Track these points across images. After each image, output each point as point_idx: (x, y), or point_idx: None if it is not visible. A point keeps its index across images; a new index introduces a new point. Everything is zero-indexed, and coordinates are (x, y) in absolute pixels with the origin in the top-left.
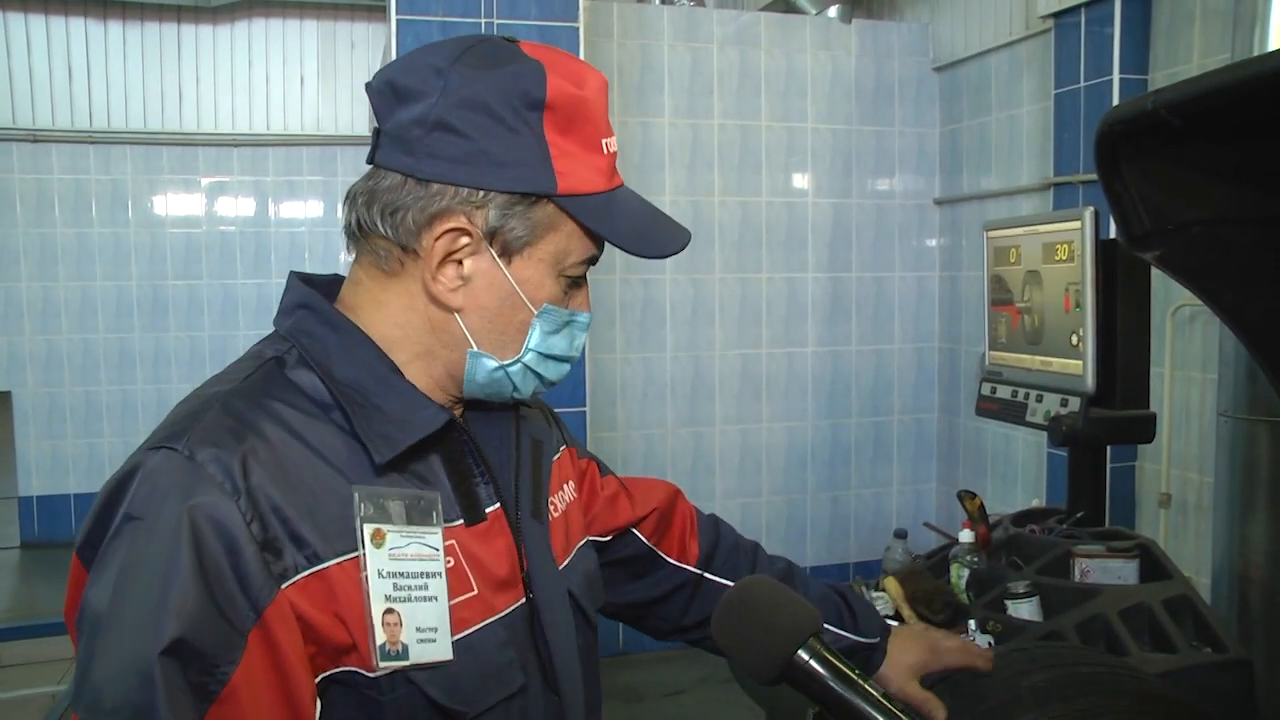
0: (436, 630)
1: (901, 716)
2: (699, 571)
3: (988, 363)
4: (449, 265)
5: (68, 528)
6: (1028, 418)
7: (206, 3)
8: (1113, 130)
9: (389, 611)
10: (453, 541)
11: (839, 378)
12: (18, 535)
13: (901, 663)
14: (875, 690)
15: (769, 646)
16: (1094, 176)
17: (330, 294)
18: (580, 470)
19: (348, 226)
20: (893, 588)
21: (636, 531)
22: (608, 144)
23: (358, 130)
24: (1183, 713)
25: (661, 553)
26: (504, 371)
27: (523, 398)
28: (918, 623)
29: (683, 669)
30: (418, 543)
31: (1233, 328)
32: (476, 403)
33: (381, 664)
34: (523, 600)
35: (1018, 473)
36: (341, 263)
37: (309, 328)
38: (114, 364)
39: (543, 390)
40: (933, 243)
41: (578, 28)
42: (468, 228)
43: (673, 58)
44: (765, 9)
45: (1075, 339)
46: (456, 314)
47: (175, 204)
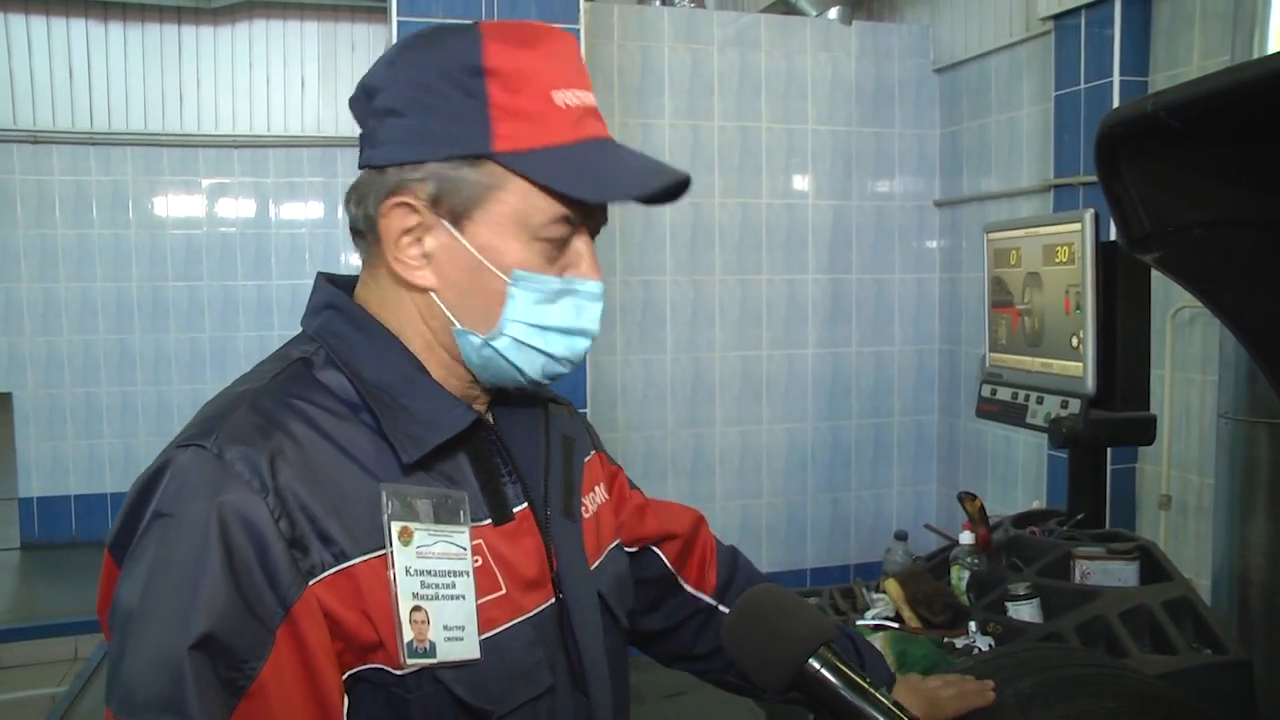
0: (464, 629)
1: None
2: (713, 602)
3: (988, 364)
4: (412, 245)
5: (68, 529)
6: (1028, 419)
7: (207, 4)
8: (1113, 132)
9: (416, 609)
10: (480, 541)
11: (839, 379)
12: (18, 536)
13: None
14: (887, 699)
15: (780, 654)
16: (1094, 178)
17: (353, 293)
18: (610, 474)
19: (350, 229)
20: (893, 589)
21: (659, 552)
22: (563, 97)
23: (358, 132)
24: (1176, 712)
25: (681, 579)
26: (491, 348)
27: (535, 378)
28: (915, 677)
29: (682, 673)
30: (445, 541)
31: (1233, 330)
32: (505, 400)
33: (409, 661)
34: (552, 600)
35: (1018, 474)
36: (342, 264)
37: (336, 328)
38: (114, 365)
39: (559, 370)
40: (933, 244)
41: (578, 29)
42: (411, 201)
43: (673, 59)
44: (765, 10)
45: (1075, 341)
46: (433, 294)
47: (176, 205)
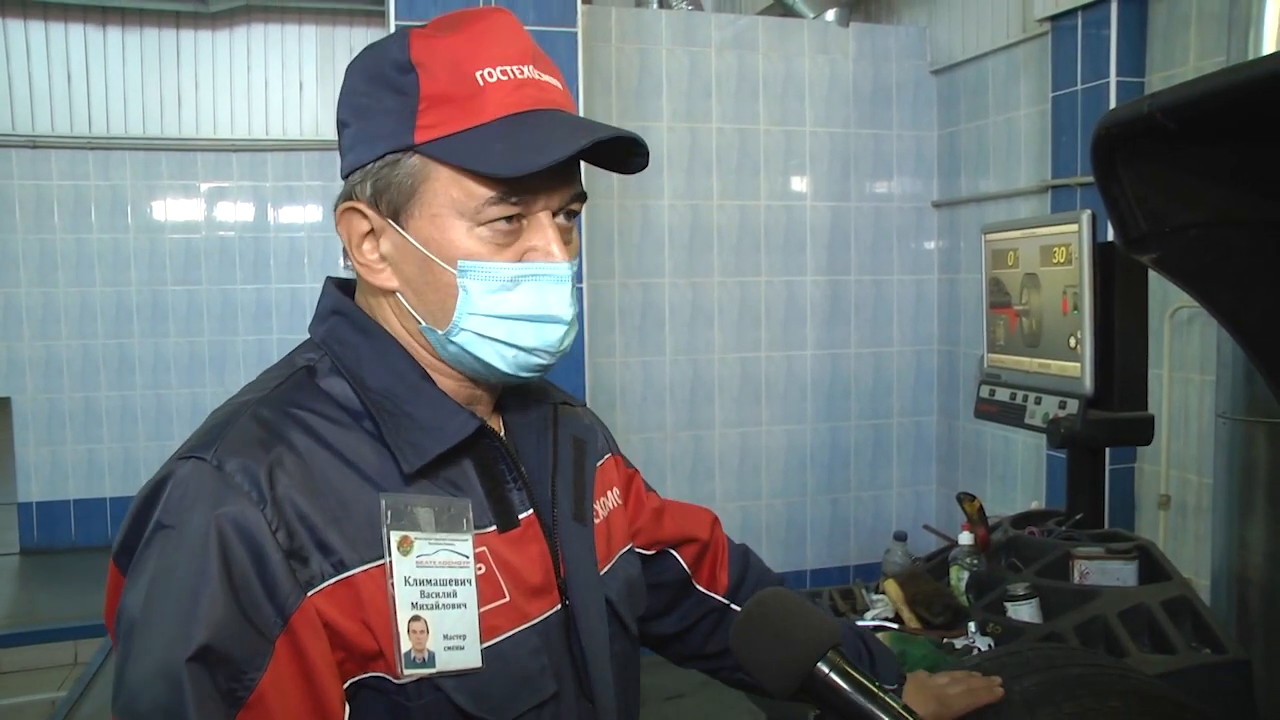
0: (465, 638)
1: None
2: (725, 602)
3: (986, 365)
4: (372, 251)
5: (67, 534)
6: (1026, 420)
7: (205, 9)
8: (1109, 133)
9: (415, 619)
10: (484, 548)
11: (838, 380)
12: (17, 541)
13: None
14: (896, 703)
15: (788, 658)
16: (1091, 179)
17: None
18: (626, 478)
19: None
20: (893, 590)
21: (677, 555)
22: (486, 74)
23: None
24: (1178, 712)
25: (694, 581)
26: (455, 344)
27: (510, 371)
28: (923, 674)
29: (684, 673)
30: (447, 550)
31: (1230, 330)
32: (515, 405)
33: (407, 671)
34: (558, 607)
35: (1017, 475)
36: (341, 267)
37: (342, 334)
38: (113, 369)
39: (536, 361)
40: (931, 245)
41: (576, 32)
42: (356, 205)
43: (671, 62)
44: (763, 13)
45: (1073, 341)
46: (398, 294)
47: (174, 209)
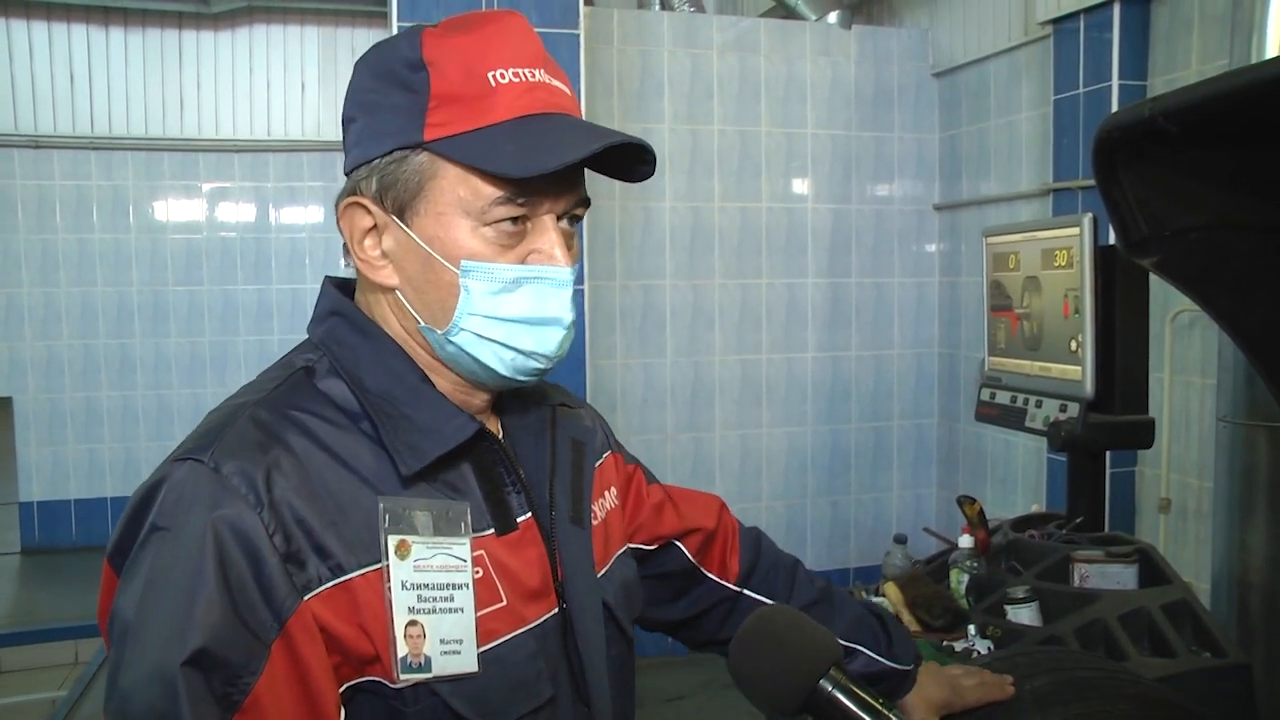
0: (461, 642)
1: None
2: (737, 590)
3: (987, 368)
4: (374, 247)
5: (68, 533)
6: (1027, 423)
7: (208, 9)
8: (1111, 137)
9: (412, 624)
10: (482, 552)
11: (839, 383)
12: (18, 541)
13: (927, 697)
14: (899, 718)
15: (790, 676)
16: (1093, 183)
17: None
18: (625, 476)
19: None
20: (892, 593)
21: (681, 546)
22: (498, 75)
23: None
24: (1185, 717)
25: (703, 569)
26: (453, 344)
27: (508, 374)
28: (935, 664)
29: (684, 675)
30: (444, 553)
31: (1230, 334)
32: (514, 406)
33: (403, 676)
34: (555, 610)
35: (1017, 478)
36: (342, 268)
37: (341, 335)
38: (115, 369)
39: (534, 365)
40: (932, 248)
41: (578, 34)
42: (360, 200)
43: (672, 64)
44: (765, 15)
45: (1074, 345)
46: (398, 292)
47: (176, 209)
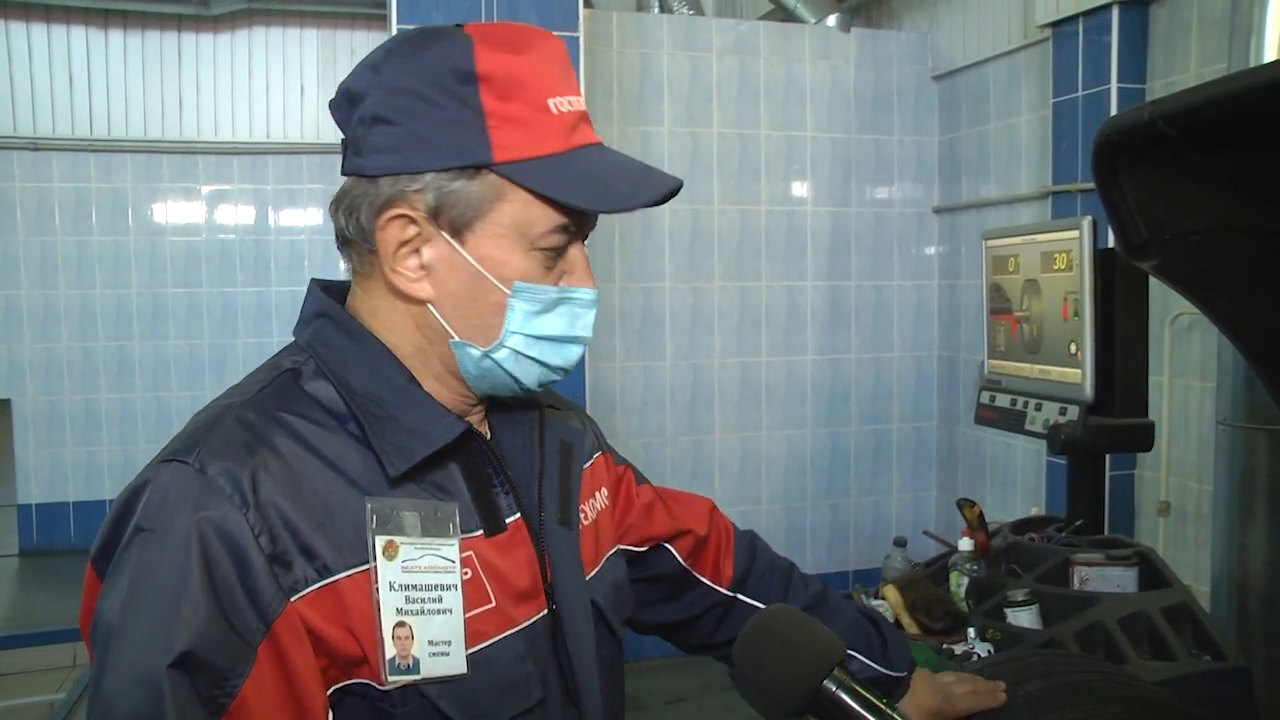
0: (450, 644)
1: None
2: (731, 594)
3: (987, 371)
4: (410, 256)
5: (67, 536)
6: (1027, 426)
7: (207, 11)
8: (1110, 140)
9: (400, 625)
10: (470, 553)
11: (838, 386)
12: (16, 543)
13: (920, 704)
14: (902, 718)
15: (794, 677)
16: (1092, 186)
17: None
18: (616, 477)
19: (336, 238)
20: (892, 596)
21: (672, 549)
22: (558, 104)
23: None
24: (1178, 717)
25: (696, 573)
26: (490, 359)
27: (530, 387)
28: (927, 671)
29: (684, 677)
30: (432, 555)
31: (1230, 336)
32: (501, 407)
33: (391, 678)
34: (544, 612)
35: (1017, 481)
36: (341, 270)
37: (327, 337)
38: (114, 372)
39: (553, 378)
40: (931, 251)
41: (578, 37)
42: (410, 213)
43: (672, 66)
44: (764, 18)
45: (1074, 348)
46: (430, 305)
47: (175, 212)
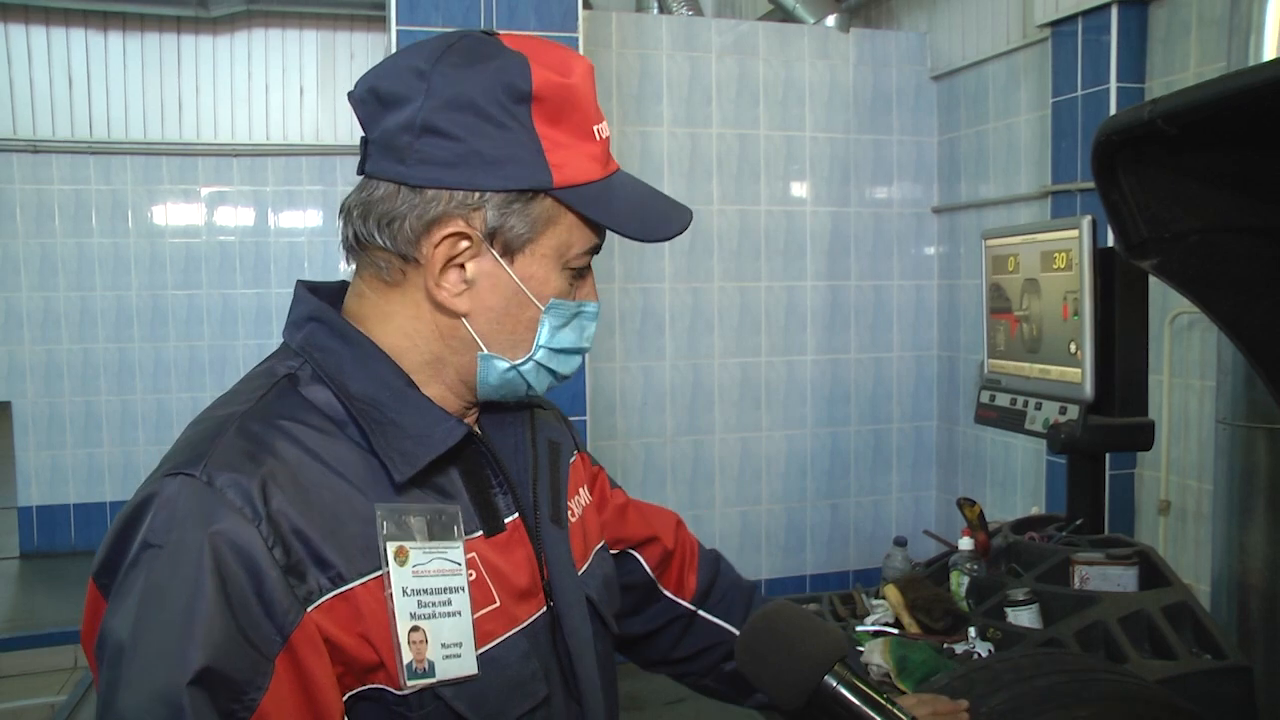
0: (461, 645)
1: None
2: (692, 608)
3: (986, 371)
4: (451, 270)
5: (67, 538)
6: (1027, 425)
7: (206, 13)
8: (1110, 139)
9: (414, 629)
10: (473, 554)
11: (838, 386)
12: (17, 545)
13: None
14: (905, 715)
15: (797, 673)
16: (1092, 185)
17: (336, 303)
18: (592, 475)
19: (345, 240)
20: (893, 595)
21: (640, 558)
22: (599, 130)
23: (357, 140)
24: (1147, 710)
25: (660, 585)
26: (516, 371)
27: (537, 394)
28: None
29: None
30: (440, 558)
31: (1230, 335)
32: (490, 406)
33: (409, 683)
34: (543, 609)
35: (1017, 480)
36: (341, 272)
37: (321, 342)
38: (114, 374)
39: (555, 385)
40: (931, 251)
41: (577, 37)
42: (467, 231)
43: (671, 67)
44: (763, 18)
45: (1074, 347)
46: (464, 318)
47: (175, 214)
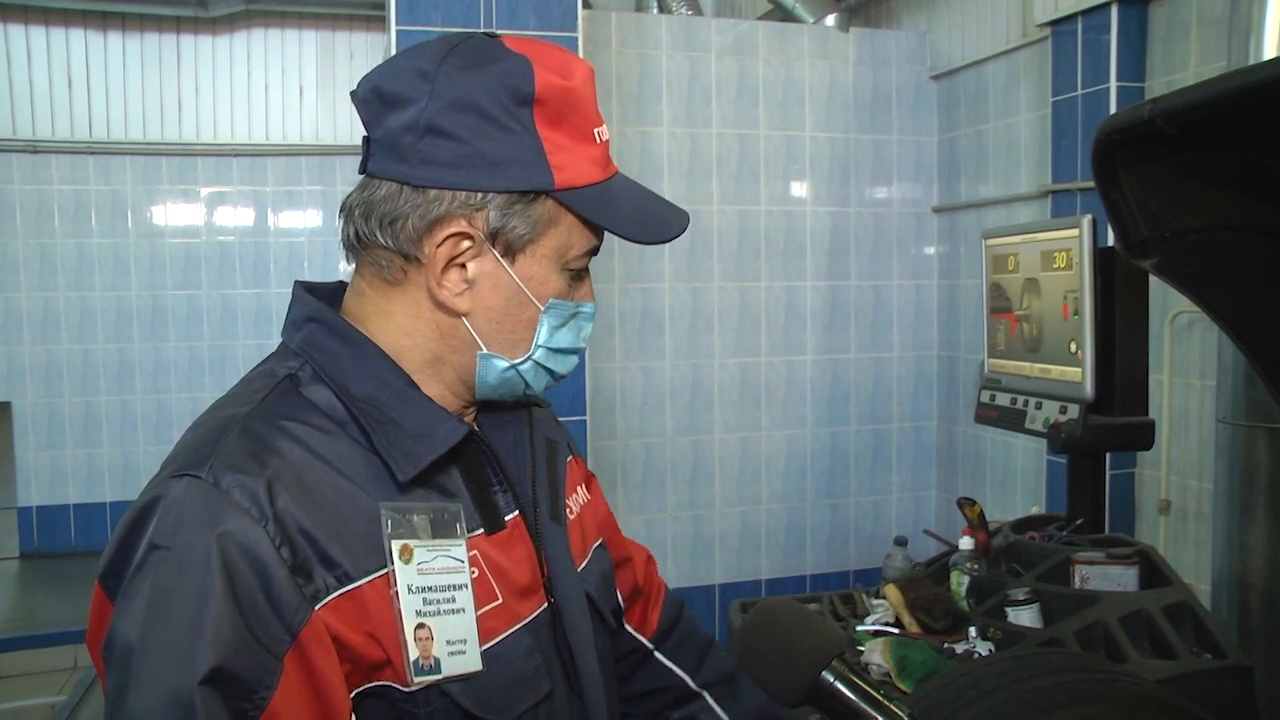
0: (466, 642)
1: None
2: (650, 646)
3: (987, 370)
4: (453, 270)
5: (67, 538)
6: (1027, 425)
7: (206, 13)
8: (1110, 139)
9: (420, 626)
10: (475, 552)
11: (838, 386)
12: (17, 546)
13: None
14: (902, 710)
15: (794, 668)
16: (1092, 184)
17: (334, 303)
18: (586, 477)
19: (346, 239)
20: (893, 595)
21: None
22: (599, 133)
23: (357, 140)
24: (1124, 709)
25: (624, 616)
26: (515, 370)
27: (535, 394)
28: None
29: None
30: (444, 556)
31: (1230, 334)
32: (488, 405)
33: (416, 679)
34: (544, 605)
35: (1017, 480)
36: (341, 272)
37: (320, 342)
38: (113, 374)
39: (553, 384)
40: (931, 250)
41: (576, 37)
42: (469, 231)
43: (671, 67)
44: (763, 18)
45: (1074, 346)
46: (464, 318)
47: (174, 214)
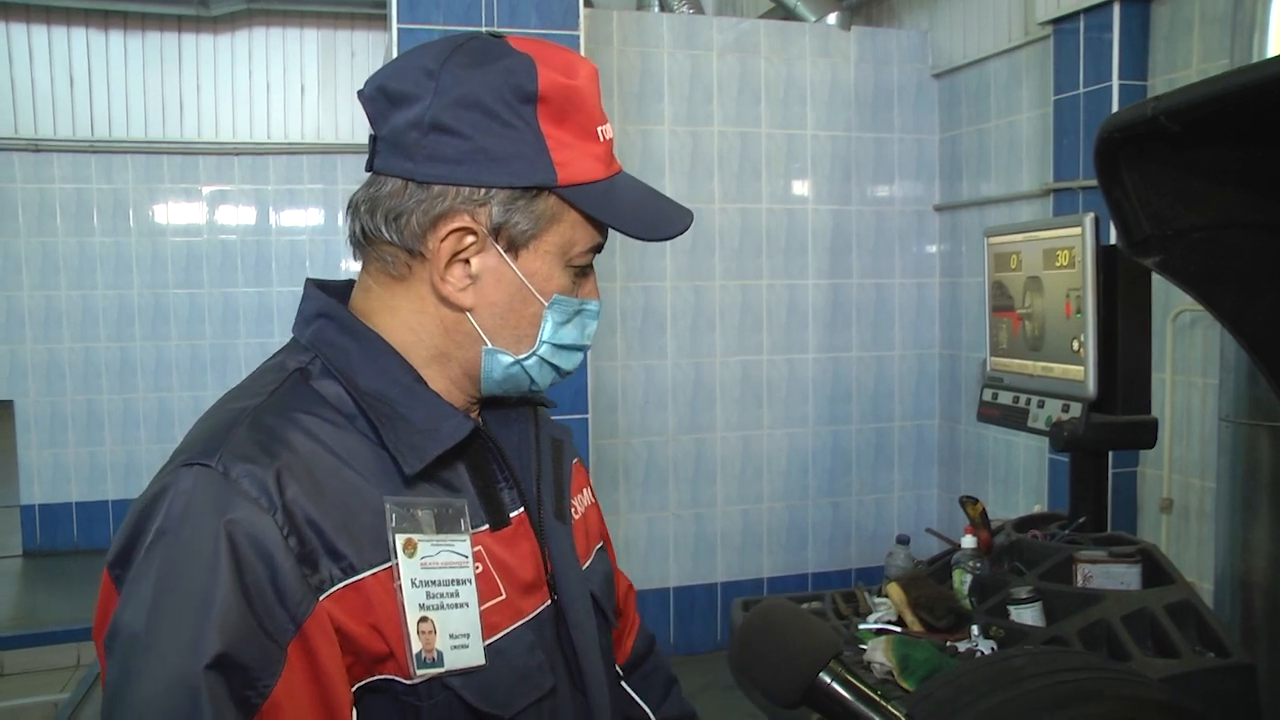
0: (469, 636)
1: None
2: (619, 672)
3: (989, 369)
4: (456, 265)
5: (69, 536)
6: (1029, 423)
7: (207, 12)
8: (1113, 137)
9: (423, 620)
10: (480, 547)
11: (840, 384)
12: (19, 544)
13: None
14: (899, 711)
15: (792, 669)
16: (1094, 182)
17: (345, 299)
18: (586, 481)
19: (352, 235)
20: (895, 594)
21: None
22: (603, 131)
23: (358, 138)
24: (1107, 707)
25: None
26: (520, 366)
27: (540, 390)
28: None
29: (685, 677)
30: (448, 550)
31: (1233, 332)
32: (495, 403)
33: (418, 672)
34: (548, 603)
35: (1019, 478)
36: (343, 270)
37: (330, 337)
38: (115, 373)
39: (558, 380)
40: (933, 249)
41: (578, 35)
42: (472, 226)
43: (672, 65)
44: (764, 16)
45: (1076, 345)
46: (468, 313)
47: (176, 212)
